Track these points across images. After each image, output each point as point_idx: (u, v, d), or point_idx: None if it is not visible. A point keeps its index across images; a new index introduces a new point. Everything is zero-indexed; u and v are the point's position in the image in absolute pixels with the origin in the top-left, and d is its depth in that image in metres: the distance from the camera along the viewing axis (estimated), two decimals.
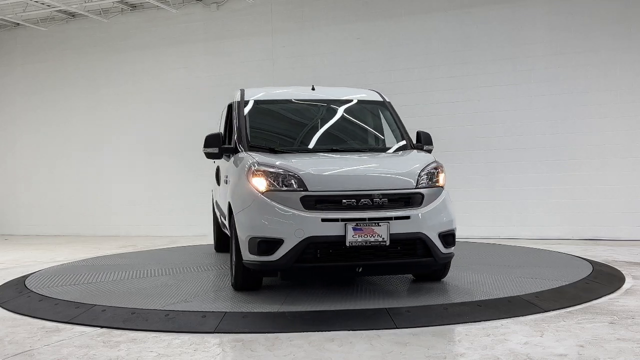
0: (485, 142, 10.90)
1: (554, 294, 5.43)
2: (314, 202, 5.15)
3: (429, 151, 6.42)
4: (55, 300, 5.62)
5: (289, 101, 6.83)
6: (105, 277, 6.82)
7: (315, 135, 6.57)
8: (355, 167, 5.61)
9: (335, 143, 6.41)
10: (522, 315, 4.80)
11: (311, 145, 6.28)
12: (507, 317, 4.74)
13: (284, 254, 5.06)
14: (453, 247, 5.54)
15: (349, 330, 4.48)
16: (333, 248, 5.09)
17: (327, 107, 6.84)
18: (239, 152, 6.03)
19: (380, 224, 5.11)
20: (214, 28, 13.05)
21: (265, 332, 4.47)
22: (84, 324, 4.88)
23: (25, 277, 7.10)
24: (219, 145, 6.20)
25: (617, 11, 10.26)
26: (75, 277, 6.90)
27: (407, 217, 5.21)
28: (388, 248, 5.15)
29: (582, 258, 7.57)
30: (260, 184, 5.31)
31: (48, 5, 13.08)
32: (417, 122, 9.14)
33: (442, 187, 5.59)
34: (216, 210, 8.05)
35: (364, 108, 7.02)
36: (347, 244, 5.05)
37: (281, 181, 5.26)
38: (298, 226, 5.05)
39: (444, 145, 10.08)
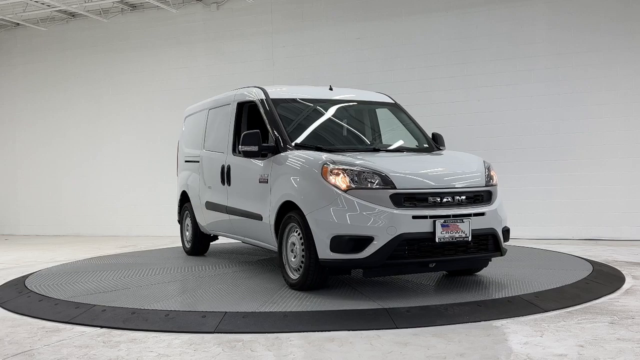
0: (485, 142, 10.90)
1: (554, 294, 5.43)
2: (402, 200, 5.24)
3: None
4: (55, 300, 5.62)
5: (316, 100, 6.85)
6: (105, 277, 6.82)
7: (354, 135, 6.79)
8: (433, 167, 5.75)
9: (375, 142, 6.65)
10: (522, 315, 4.80)
11: (354, 144, 6.44)
12: (507, 317, 4.75)
13: (374, 251, 5.10)
14: (507, 242, 5.82)
15: (349, 330, 4.48)
16: (422, 244, 5.22)
17: (351, 107, 7.04)
18: (282, 151, 5.98)
19: (463, 220, 5.35)
20: (214, 28, 13.05)
21: (265, 332, 4.48)
22: (84, 324, 4.89)
23: (25, 277, 7.10)
24: (259, 144, 6.07)
25: (617, 11, 10.25)
26: (75, 277, 6.90)
27: (483, 214, 5.49)
28: (468, 243, 5.38)
29: (582, 258, 7.57)
30: (340, 182, 5.29)
31: (48, 5, 13.08)
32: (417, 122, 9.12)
33: (496, 185, 5.88)
34: (207, 211, 7.66)
35: (382, 109, 7.25)
36: (437, 240, 5.21)
37: (365, 179, 5.28)
38: (390, 223, 5.11)
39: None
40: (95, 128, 14.12)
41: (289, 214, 5.69)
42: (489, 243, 5.56)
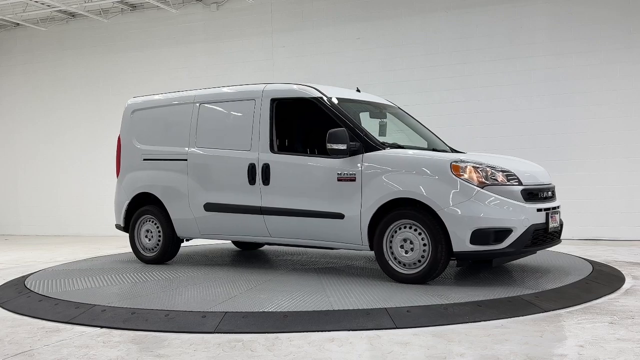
0: (485, 142, 10.88)
1: (554, 294, 5.43)
2: (526, 195, 5.83)
3: None
4: (55, 300, 5.62)
5: (362, 102, 7.21)
6: (105, 277, 6.82)
7: (410, 135, 7.29)
8: (526, 166, 6.42)
9: (425, 143, 7.12)
10: (522, 315, 4.80)
11: (419, 144, 6.94)
12: (507, 317, 4.74)
13: (513, 241, 5.64)
14: None
15: (349, 330, 4.48)
16: (539, 233, 5.88)
17: (384, 110, 7.44)
18: (372, 149, 6.13)
19: (557, 211, 6.22)
20: (214, 28, 13.05)
21: (265, 332, 4.48)
22: (84, 324, 4.89)
23: (25, 277, 7.10)
24: (347, 142, 6.08)
25: (617, 11, 10.25)
26: (76, 277, 6.91)
27: (558, 207, 6.33)
28: (557, 232, 6.23)
29: (582, 258, 7.58)
30: (475, 179, 5.71)
31: (48, 5, 13.08)
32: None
33: None
34: (208, 213, 7.21)
35: (400, 112, 7.67)
36: (549, 230, 5.98)
37: (492, 176, 5.76)
38: (525, 216, 5.70)
39: None
40: (95, 127, 14.11)
41: (397, 211, 5.91)
42: (559, 232, 6.34)
